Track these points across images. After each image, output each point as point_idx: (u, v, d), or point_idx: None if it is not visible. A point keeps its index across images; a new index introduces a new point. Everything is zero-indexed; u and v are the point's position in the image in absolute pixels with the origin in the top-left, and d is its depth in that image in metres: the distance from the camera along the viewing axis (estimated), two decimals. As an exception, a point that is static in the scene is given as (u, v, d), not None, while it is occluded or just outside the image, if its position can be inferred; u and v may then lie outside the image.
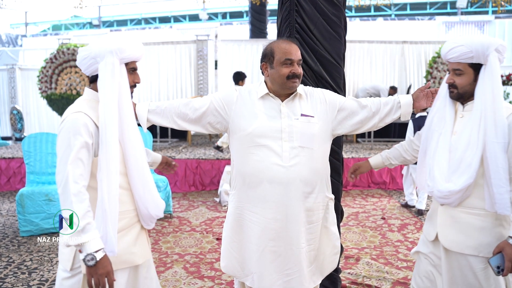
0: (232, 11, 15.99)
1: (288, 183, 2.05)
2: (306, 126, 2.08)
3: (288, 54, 2.06)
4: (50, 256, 4.01)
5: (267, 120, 2.08)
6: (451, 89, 1.99)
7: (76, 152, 1.67)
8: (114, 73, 1.76)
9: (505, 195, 1.83)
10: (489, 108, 1.86)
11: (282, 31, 2.70)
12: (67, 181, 1.64)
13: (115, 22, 16.69)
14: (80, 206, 1.63)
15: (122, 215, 1.81)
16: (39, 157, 4.96)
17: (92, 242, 1.62)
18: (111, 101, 1.74)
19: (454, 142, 1.96)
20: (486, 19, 11.88)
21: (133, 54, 1.83)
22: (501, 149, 1.85)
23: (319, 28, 2.59)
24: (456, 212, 1.96)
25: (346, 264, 3.78)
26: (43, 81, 9.15)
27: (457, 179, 1.90)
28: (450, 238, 1.96)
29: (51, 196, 4.65)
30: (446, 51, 1.97)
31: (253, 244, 2.13)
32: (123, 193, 1.81)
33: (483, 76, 1.90)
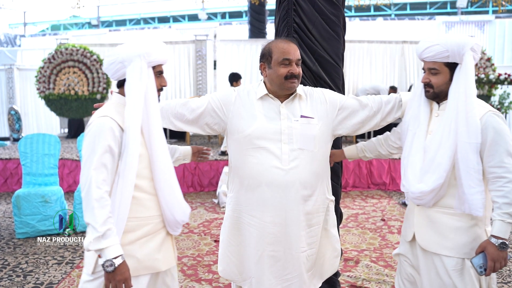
0: (231, 11, 15.94)
1: (287, 187, 2.00)
2: (306, 128, 2.04)
3: (286, 53, 2.02)
4: (46, 259, 3.96)
5: (266, 122, 2.03)
6: (427, 89, 1.96)
7: (99, 157, 1.67)
8: (142, 76, 1.76)
9: (476, 196, 1.82)
10: (461, 108, 1.85)
11: (280, 31, 2.66)
12: (90, 186, 1.64)
13: (114, 22, 16.63)
14: (102, 212, 1.63)
15: (146, 220, 1.80)
16: (36, 158, 4.91)
17: (111, 248, 1.63)
18: (138, 104, 1.74)
19: (429, 142, 1.94)
20: (486, 19, 11.84)
21: (160, 57, 1.83)
22: (472, 149, 1.83)
23: (318, 27, 2.55)
24: (432, 212, 1.95)
25: (345, 267, 3.73)
26: (41, 81, 9.12)
27: (427, 179, 1.89)
28: (426, 238, 1.95)
29: (48, 197, 4.61)
30: (422, 50, 1.94)
31: (251, 248, 2.08)
32: (149, 198, 1.80)
33: (458, 75, 1.88)
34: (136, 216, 1.77)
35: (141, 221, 1.79)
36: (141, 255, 1.77)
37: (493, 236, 1.82)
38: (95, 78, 9.10)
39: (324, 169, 2.13)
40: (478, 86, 8.88)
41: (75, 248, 4.26)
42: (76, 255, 4.06)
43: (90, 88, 9.11)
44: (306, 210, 2.05)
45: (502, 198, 1.81)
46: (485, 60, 8.93)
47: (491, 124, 1.83)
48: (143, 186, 1.78)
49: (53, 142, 5.00)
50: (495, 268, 1.81)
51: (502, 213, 1.81)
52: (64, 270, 3.71)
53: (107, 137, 1.70)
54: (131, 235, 1.76)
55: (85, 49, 9.13)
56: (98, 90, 9.12)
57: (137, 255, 1.77)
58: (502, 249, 1.80)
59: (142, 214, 1.79)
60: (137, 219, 1.78)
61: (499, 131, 1.83)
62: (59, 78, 9.10)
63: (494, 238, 1.81)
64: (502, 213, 1.81)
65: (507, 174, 1.81)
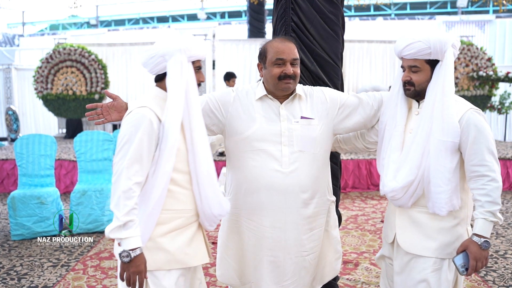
0: (230, 11, 15.92)
1: (287, 190, 1.95)
2: (307, 129, 1.99)
3: (279, 53, 1.97)
4: (41, 261, 3.91)
5: (265, 123, 1.98)
6: (408, 87, 1.91)
7: (135, 147, 1.68)
8: (183, 70, 1.76)
9: (441, 195, 1.80)
10: (438, 105, 1.82)
11: (277, 30, 2.61)
12: (121, 175, 1.66)
13: (113, 22, 16.59)
14: (126, 203, 1.64)
15: (178, 214, 1.80)
16: (32, 159, 4.86)
17: (130, 239, 1.65)
18: (180, 98, 1.75)
19: (408, 140, 1.91)
20: (486, 18, 11.78)
21: (199, 52, 1.83)
22: (446, 147, 1.80)
23: (316, 26, 2.50)
24: (414, 213, 1.91)
25: (344, 269, 3.68)
26: (39, 81, 9.06)
27: (399, 176, 1.87)
28: (409, 240, 1.91)
29: (43, 199, 4.56)
30: (402, 47, 1.89)
31: (250, 252, 2.04)
32: (183, 192, 1.80)
33: (438, 73, 1.85)
34: (168, 209, 1.77)
35: (173, 213, 1.78)
36: (173, 248, 1.77)
37: (476, 234, 1.79)
38: (93, 78, 9.05)
39: (325, 170, 2.09)
40: (480, 86, 8.82)
41: (71, 250, 4.21)
42: (72, 258, 4.00)
43: (88, 88, 9.06)
44: (307, 214, 2.01)
45: (484, 197, 1.78)
46: (485, 60, 8.88)
47: (472, 122, 1.80)
48: (177, 179, 1.78)
49: (49, 142, 4.94)
50: (477, 267, 1.79)
51: (485, 211, 1.79)
52: (59, 272, 3.66)
53: (145, 128, 1.70)
54: (163, 228, 1.76)
55: (83, 49, 9.08)
56: (96, 90, 9.07)
57: (168, 248, 1.76)
58: (484, 248, 1.78)
59: (175, 207, 1.78)
60: (170, 211, 1.77)
61: (480, 129, 1.80)
62: (57, 78, 9.05)
63: (477, 236, 1.79)
64: (485, 211, 1.79)
65: (489, 172, 1.79)
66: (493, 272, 3.62)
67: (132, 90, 9.94)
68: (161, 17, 16.48)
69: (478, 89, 8.84)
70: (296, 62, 2.01)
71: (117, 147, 1.72)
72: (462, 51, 8.84)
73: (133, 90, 9.94)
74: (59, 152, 7.08)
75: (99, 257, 4.03)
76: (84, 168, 4.99)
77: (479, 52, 8.86)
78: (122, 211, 1.64)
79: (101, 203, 4.68)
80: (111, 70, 9.56)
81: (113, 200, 1.66)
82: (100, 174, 5.01)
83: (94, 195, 4.67)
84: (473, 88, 8.81)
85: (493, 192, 1.78)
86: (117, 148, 1.72)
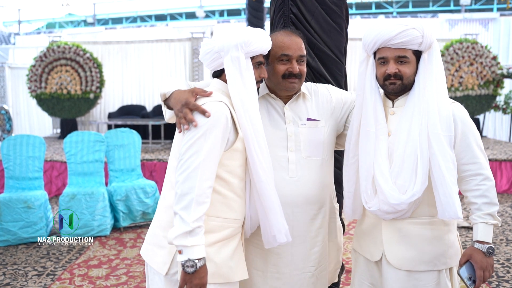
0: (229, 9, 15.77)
1: (295, 201, 1.79)
2: (314, 132, 1.82)
3: (285, 48, 1.77)
4: (26, 270, 3.70)
5: (270, 126, 1.81)
6: (393, 80, 1.69)
7: (211, 145, 1.52)
8: (241, 68, 1.61)
9: (456, 195, 1.61)
10: (433, 98, 1.66)
11: (275, 23, 2.41)
12: (193, 174, 1.49)
13: (110, 20, 16.45)
14: (198, 208, 1.49)
15: (228, 223, 1.64)
16: (19, 161, 4.66)
17: (197, 248, 1.48)
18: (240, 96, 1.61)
19: (391, 144, 1.71)
20: (490, 16, 11.57)
21: (260, 47, 1.67)
22: (448, 142, 1.64)
23: (318, 18, 2.30)
24: (404, 224, 1.71)
25: (347, 279, 3.46)
26: (32, 80, 8.88)
27: (408, 186, 1.64)
28: (400, 256, 1.72)
29: (30, 203, 4.34)
30: (394, 35, 1.66)
31: (253, 268, 1.87)
32: (236, 200, 1.65)
33: (427, 64, 1.69)
34: (220, 216, 1.61)
35: (224, 222, 1.63)
36: (218, 260, 1.60)
37: (478, 241, 1.63)
38: (88, 77, 8.87)
39: (331, 176, 1.94)
40: (484, 85, 8.63)
41: (58, 257, 3.99)
42: (59, 265, 3.79)
43: (83, 87, 8.88)
44: (316, 225, 1.85)
45: (481, 198, 1.64)
46: (490, 58, 8.67)
47: (458, 116, 1.67)
48: (234, 184, 1.63)
49: (38, 143, 4.74)
50: (484, 277, 1.63)
51: (484, 214, 1.63)
52: (44, 282, 3.45)
53: (221, 126, 1.55)
54: (212, 236, 1.59)
55: (78, 47, 8.89)
56: (91, 89, 8.89)
57: (215, 259, 1.59)
58: (489, 255, 1.63)
59: (227, 215, 1.63)
60: (221, 219, 1.62)
61: (466, 124, 1.67)
62: (51, 77, 8.87)
63: (479, 243, 1.63)
64: (484, 214, 1.63)
65: (482, 170, 1.65)
66: (505, 283, 3.40)
67: (128, 89, 9.73)
68: (159, 15, 16.32)
69: (482, 88, 8.63)
70: (303, 59, 1.82)
71: (187, 140, 1.53)
72: (467, 50, 8.63)
73: (129, 89, 9.73)
74: (51, 153, 6.89)
75: (88, 265, 3.82)
76: (74, 170, 4.79)
77: (484, 50, 8.65)
78: (193, 216, 1.46)
79: (91, 207, 4.47)
80: (106, 69, 9.37)
81: (182, 201, 1.48)
82: (91, 176, 4.80)
83: (84, 199, 4.46)
84: (477, 87, 8.61)
85: (489, 192, 1.64)
86: (187, 141, 1.53)
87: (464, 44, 8.61)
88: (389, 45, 1.68)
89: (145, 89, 9.65)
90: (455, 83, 8.63)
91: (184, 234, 1.46)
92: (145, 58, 9.48)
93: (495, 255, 3.93)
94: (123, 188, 4.71)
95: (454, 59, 8.61)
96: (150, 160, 6.28)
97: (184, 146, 1.53)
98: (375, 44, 1.70)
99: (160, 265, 1.61)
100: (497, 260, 3.81)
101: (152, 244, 1.68)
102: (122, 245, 4.34)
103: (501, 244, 4.21)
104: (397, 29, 1.66)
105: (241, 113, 1.59)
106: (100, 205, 4.50)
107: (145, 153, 6.80)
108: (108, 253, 4.11)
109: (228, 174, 1.61)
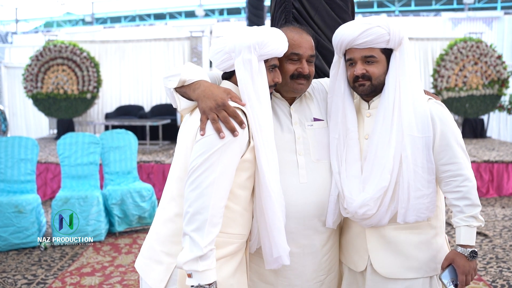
0: (229, 8, 15.67)
1: (306, 210, 1.68)
2: (321, 133, 1.74)
3: (296, 47, 1.66)
4: (15, 278, 3.55)
5: (278, 129, 1.71)
6: (362, 82, 1.64)
7: (228, 161, 1.40)
8: (252, 72, 1.49)
9: (421, 200, 1.59)
10: (406, 97, 1.60)
11: (276, 18, 2.27)
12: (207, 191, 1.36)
13: (108, 19, 16.34)
14: (212, 230, 1.37)
15: (234, 238, 1.52)
16: (11, 163, 4.51)
17: (208, 272, 1.37)
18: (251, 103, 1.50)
19: (367, 147, 1.67)
20: (494, 15, 11.43)
21: (276, 49, 1.54)
22: (422, 144, 1.59)
23: (321, 14, 2.19)
24: (388, 231, 1.66)
25: None
26: (28, 80, 8.75)
27: (369, 186, 1.62)
28: (387, 264, 1.66)
29: (22, 207, 4.19)
30: (357, 35, 1.61)
31: (263, 282, 1.76)
32: (243, 213, 1.53)
33: (397, 62, 1.63)
34: (224, 231, 1.48)
35: (229, 238, 1.51)
36: (220, 278, 1.46)
37: (460, 245, 1.59)
38: (85, 77, 8.74)
39: None
40: (489, 85, 8.48)
41: (50, 264, 3.84)
42: (50, 273, 3.64)
43: (80, 87, 8.75)
44: (327, 233, 1.74)
45: (462, 200, 1.59)
46: (495, 57, 8.51)
47: (436, 115, 1.61)
48: (241, 197, 1.51)
49: (30, 145, 4.59)
50: (466, 281, 1.59)
51: (466, 217, 1.58)
52: (33, 292, 3.29)
53: (241, 138, 1.43)
54: (216, 253, 1.45)
55: (74, 46, 8.76)
56: (88, 89, 8.75)
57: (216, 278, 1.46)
58: (472, 259, 1.58)
59: (232, 230, 1.51)
60: (225, 235, 1.49)
61: (445, 122, 1.61)
62: (47, 77, 8.74)
63: (462, 247, 1.58)
64: (466, 217, 1.58)
65: (462, 171, 1.59)
66: (517, 293, 3.25)
67: (126, 88, 9.59)
68: (158, 14, 16.23)
69: (487, 88, 8.48)
70: (312, 60, 1.72)
71: (201, 151, 1.39)
72: (471, 49, 8.48)
73: (126, 89, 9.59)
74: (46, 154, 6.75)
75: (80, 272, 3.67)
76: (68, 173, 4.64)
77: (489, 49, 8.50)
78: (206, 238, 1.35)
79: (85, 212, 4.31)
80: (104, 68, 9.23)
81: (194, 222, 1.36)
82: (85, 180, 4.65)
83: (77, 203, 4.31)
84: (482, 87, 8.46)
85: (470, 194, 1.59)
86: (201, 153, 1.39)
87: (468, 43, 8.47)
88: (355, 45, 1.63)
89: (143, 89, 9.50)
90: (459, 82, 8.50)
91: (196, 259, 1.35)
92: (143, 58, 9.35)
93: (505, 262, 3.77)
94: (118, 192, 4.56)
95: (458, 58, 8.47)
96: (148, 162, 6.13)
97: (197, 158, 1.39)
98: (341, 45, 1.67)
99: (156, 282, 1.49)
100: (508, 268, 3.65)
101: (148, 258, 1.55)
102: (117, 251, 4.19)
103: (510, 251, 4.05)
104: (359, 28, 1.61)
105: (251, 122, 1.48)
106: (94, 209, 4.35)
107: (143, 155, 6.65)
108: (102, 260, 3.95)
109: (236, 186, 1.48)
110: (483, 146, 7.41)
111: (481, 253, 3.97)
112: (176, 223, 1.49)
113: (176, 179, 1.51)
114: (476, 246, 4.13)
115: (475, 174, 6.28)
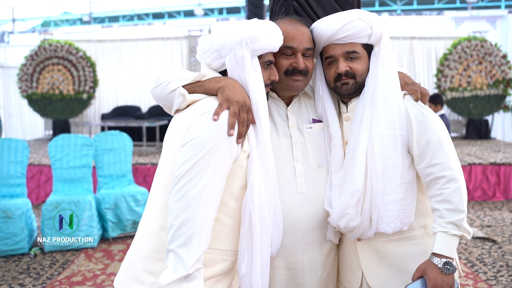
0: (228, 7, 15.56)
1: (305, 223, 1.54)
2: (319, 136, 1.61)
3: (289, 39, 1.52)
4: (1, 288, 3.37)
5: (274, 133, 1.57)
6: (345, 80, 1.53)
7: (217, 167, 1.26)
8: (246, 70, 1.37)
9: (389, 206, 1.44)
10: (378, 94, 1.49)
11: (275, 11, 2.11)
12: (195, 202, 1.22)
13: (106, 19, 16.24)
14: (200, 245, 1.23)
15: (225, 255, 1.38)
16: (0, 166, 4.33)
17: None
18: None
19: (346, 153, 1.55)
20: (498, 14, 11.26)
21: (270, 43, 1.42)
22: (395, 144, 1.46)
23: (325, 6, 2.00)
24: (380, 244, 1.54)
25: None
26: (23, 80, 8.60)
27: (344, 192, 1.50)
28: (383, 280, 1.54)
29: (10, 212, 4.02)
30: (338, 28, 1.50)
31: None
32: (236, 227, 1.38)
33: (377, 59, 1.53)
34: (214, 248, 1.35)
35: (219, 255, 1.37)
36: None
37: (435, 254, 1.40)
38: (81, 77, 8.59)
39: None
40: (493, 85, 8.31)
41: (39, 272, 3.67)
42: (39, 282, 3.47)
43: (75, 87, 8.60)
44: (327, 247, 1.63)
45: (443, 204, 1.41)
46: (500, 57, 8.35)
47: (412, 112, 1.48)
48: (234, 208, 1.37)
49: (21, 148, 4.42)
50: None
51: (445, 222, 1.39)
52: (20, 303, 3.12)
53: (230, 140, 1.29)
54: (204, 272, 1.31)
55: (70, 45, 8.62)
56: (84, 89, 8.61)
57: None
58: (447, 272, 1.37)
59: (223, 246, 1.37)
60: (216, 251, 1.36)
61: (422, 120, 1.47)
62: (42, 76, 8.60)
63: (436, 257, 1.39)
64: (445, 222, 1.39)
65: (445, 172, 1.43)
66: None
67: (123, 88, 9.43)
68: (157, 13, 16.13)
69: (492, 88, 8.32)
70: (309, 53, 1.58)
71: (187, 157, 1.25)
72: (475, 48, 8.32)
73: (123, 89, 9.44)
74: (40, 156, 6.59)
75: (70, 281, 3.49)
76: (60, 177, 4.47)
77: (493, 49, 8.34)
78: (193, 256, 1.21)
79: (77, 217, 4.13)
80: (100, 68, 9.09)
81: (179, 237, 1.21)
82: (77, 183, 4.49)
83: (69, 208, 4.12)
84: (486, 87, 8.30)
85: (453, 196, 1.40)
86: (188, 159, 1.25)
87: (472, 42, 8.32)
88: (335, 40, 1.53)
89: (140, 89, 9.34)
90: (463, 82, 8.34)
91: (181, 279, 1.20)
92: (141, 57, 9.20)
93: None
94: (112, 196, 4.39)
95: (462, 58, 8.32)
96: (144, 164, 5.95)
97: (183, 164, 1.25)
98: (319, 42, 1.56)
99: None
100: (520, 277, 3.47)
101: (129, 277, 1.38)
102: (110, 257, 4.02)
103: None
104: (340, 21, 1.50)
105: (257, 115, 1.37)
106: (86, 214, 4.18)
107: (139, 157, 6.48)
108: (94, 268, 3.78)
109: (228, 196, 1.34)
110: (488, 148, 7.24)
111: (490, 261, 3.80)
112: (160, 238, 1.33)
113: (161, 187, 1.36)
114: (485, 253, 3.97)
115: (481, 177, 6.11)
